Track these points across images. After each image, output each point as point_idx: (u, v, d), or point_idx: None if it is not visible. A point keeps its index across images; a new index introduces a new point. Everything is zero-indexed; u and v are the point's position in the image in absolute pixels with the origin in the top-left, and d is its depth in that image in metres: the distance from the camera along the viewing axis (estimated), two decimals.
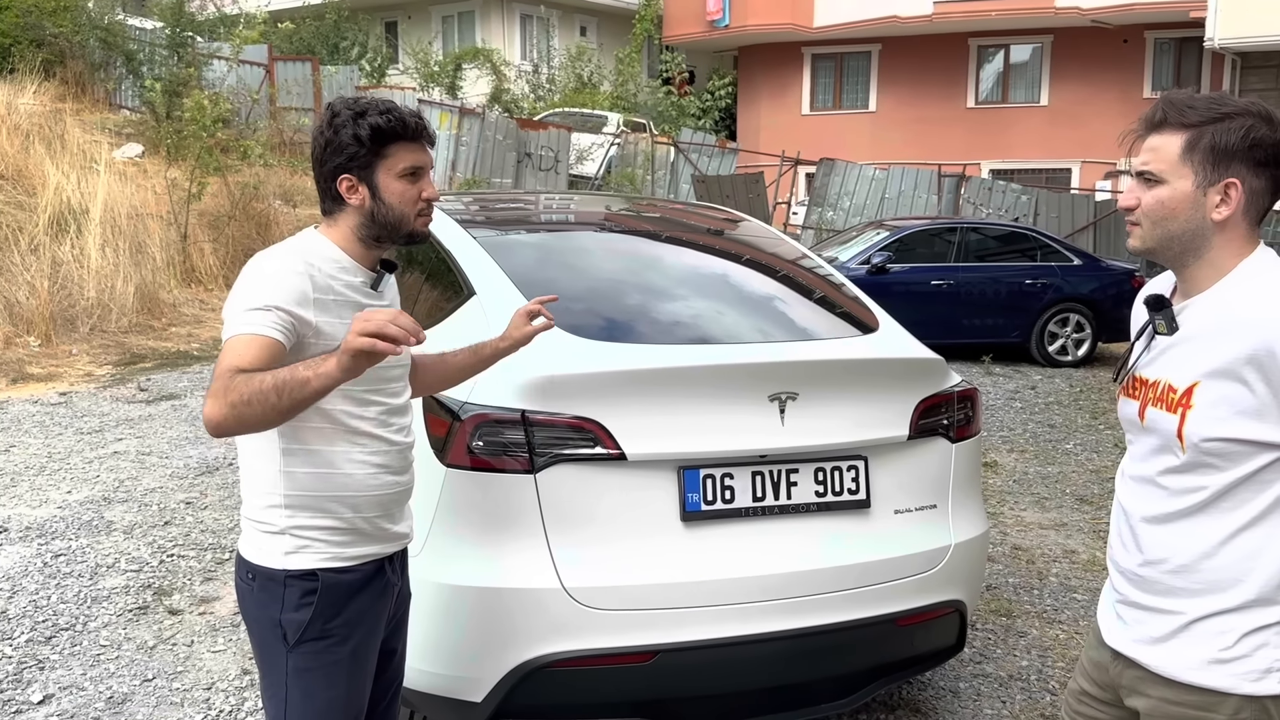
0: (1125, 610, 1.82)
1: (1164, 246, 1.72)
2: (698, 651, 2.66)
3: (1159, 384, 1.74)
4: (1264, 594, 1.66)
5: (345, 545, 2.03)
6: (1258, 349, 1.59)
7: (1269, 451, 1.62)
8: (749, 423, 2.74)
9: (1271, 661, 1.65)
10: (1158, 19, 22.43)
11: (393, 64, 24.88)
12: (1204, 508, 1.68)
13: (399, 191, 2.01)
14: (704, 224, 4.20)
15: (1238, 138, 1.63)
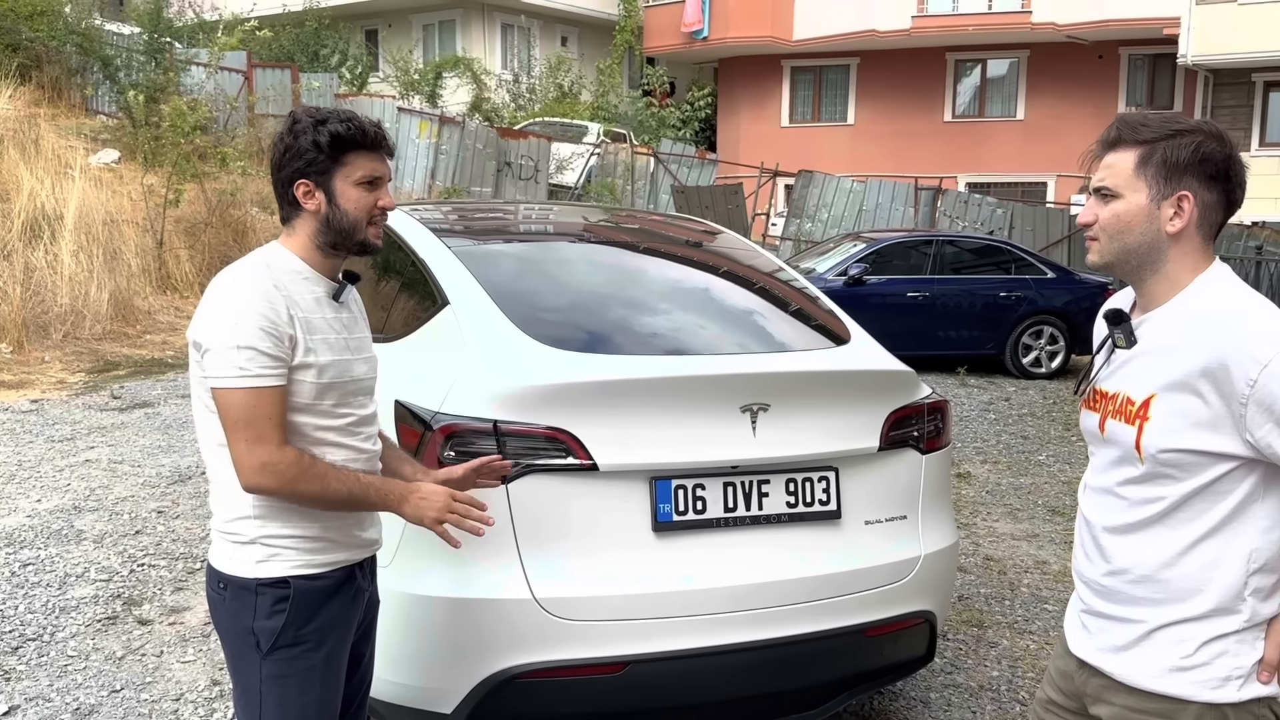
0: (1089, 619, 1.86)
1: (1121, 260, 1.76)
2: (669, 662, 2.67)
3: (1118, 396, 1.78)
4: (1223, 603, 1.69)
5: (316, 552, 2.06)
6: (1211, 362, 1.63)
7: (1224, 462, 1.65)
8: (721, 434, 2.75)
9: (1231, 669, 1.68)
10: (1132, 35, 22.70)
11: (373, 72, 24.82)
12: (1163, 518, 1.71)
13: (355, 198, 2.05)
14: (679, 235, 4.22)
15: (1188, 152, 1.68)
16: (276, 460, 1.92)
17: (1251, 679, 1.69)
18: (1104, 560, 1.80)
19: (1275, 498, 1.67)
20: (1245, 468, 1.65)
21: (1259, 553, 1.67)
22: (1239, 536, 1.68)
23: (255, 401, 1.92)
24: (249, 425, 1.92)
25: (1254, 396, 1.59)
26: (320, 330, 2.03)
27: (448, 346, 2.90)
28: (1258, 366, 1.58)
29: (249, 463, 1.93)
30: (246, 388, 1.92)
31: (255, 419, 1.92)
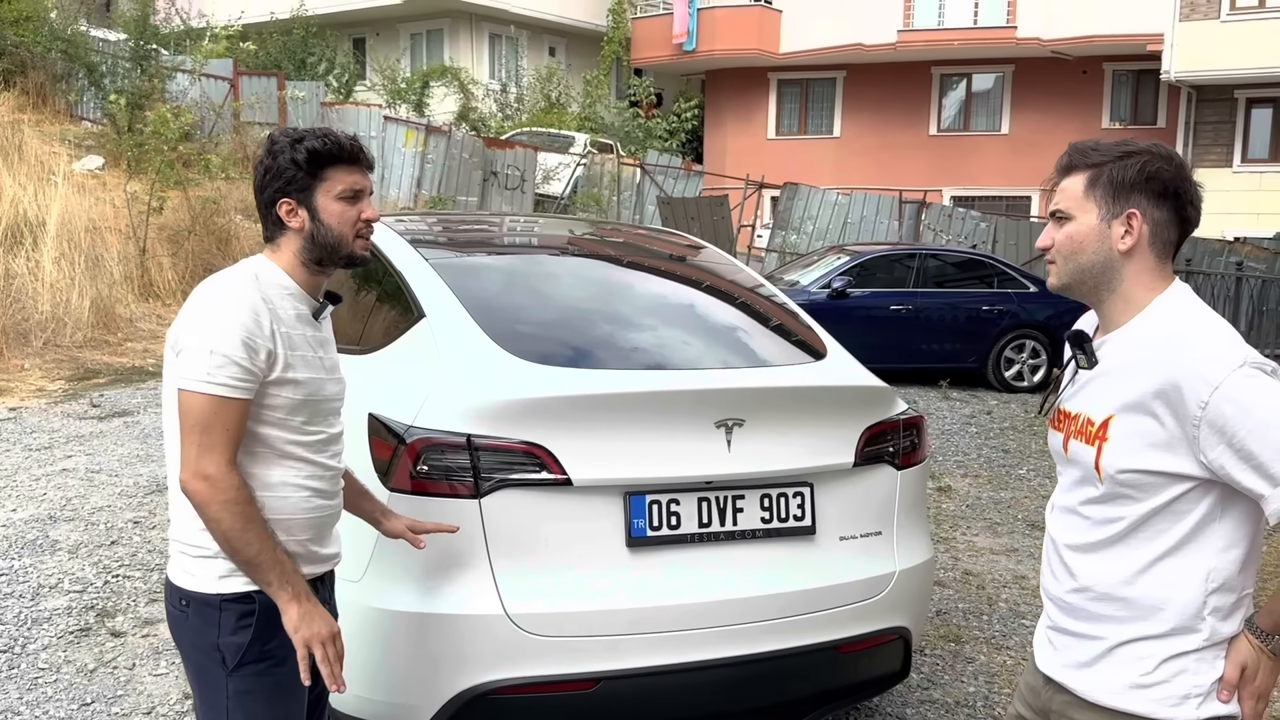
0: (1055, 636, 1.88)
1: (1078, 281, 1.79)
2: (642, 679, 2.67)
3: (1079, 417, 1.80)
4: (1182, 622, 1.70)
5: None
6: (1165, 384, 1.65)
7: (1180, 483, 1.67)
8: (696, 449, 2.75)
9: (1190, 688, 1.70)
10: (1116, 51, 22.88)
11: (360, 80, 24.81)
12: (1123, 537, 1.74)
13: (338, 213, 2.06)
14: (659, 249, 4.23)
15: (1134, 171, 1.72)
16: (218, 479, 1.91)
17: (1210, 697, 1.71)
18: (1069, 577, 1.82)
19: (1232, 518, 1.69)
20: (1202, 488, 1.67)
21: (1217, 572, 1.69)
22: (1197, 556, 1.69)
23: (216, 410, 1.91)
24: (204, 432, 1.92)
25: (1205, 418, 1.61)
26: (300, 348, 2.04)
27: (423, 360, 2.89)
28: (1209, 389, 1.61)
29: (192, 467, 1.92)
30: (211, 394, 1.91)
31: (211, 427, 1.91)
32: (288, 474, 2.05)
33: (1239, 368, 1.61)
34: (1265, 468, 1.59)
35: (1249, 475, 1.60)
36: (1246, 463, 1.60)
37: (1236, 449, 1.60)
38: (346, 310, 3.70)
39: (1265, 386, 1.61)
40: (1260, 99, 21.86)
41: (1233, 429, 1.59)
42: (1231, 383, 1.60)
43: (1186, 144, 22.36)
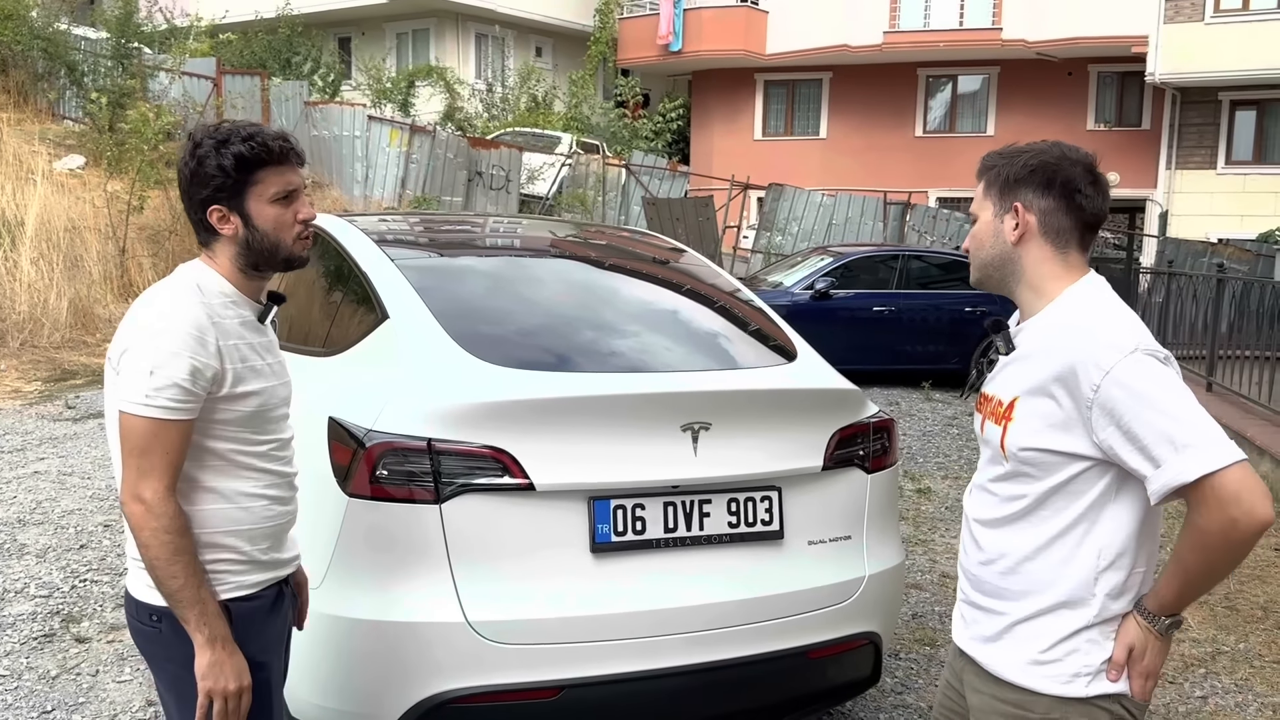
0: (966, 610, 1.98)
1: (986, 275, 1.95)
2: (606, 687, 2.62)
3: (993, 399, 1.92)
4: (1074, 598, 1.79)
5: (247, 572, 2.03)
6: (1063, 368, 1.74)
7: (1077, 462, 1.76)
8: (661, 453, 2.72)
9: (1080, 666, 1.79)
10: (1101, 53, 22.94)
11: (346, 80, 24.70)
12: (1025, 515, 1.83)
13: (272, 217, 1.99)
14: (634, 251, 4.19)
15: (1019, 166, 1.85)
16: (154, 504, 1.85)
17: (1100, 676, 1.78)
18: (978, 550, 1.92)
19: (1126, 499, 1.76)
20: (1098, 469, 1.75)
21: (1108, 550, 1.78)
22: (1091, 534, 1.78)
23: (156, 432, 1.85)
24: (143, 454, 1.86)
25: (1097, 401, 1.69)
26: (250, 358, 1.98)
27: (385, 362, 2.84)
28: (1101, 373, 1.69)
29: (130, 489, 1.87)
30: (152, 417, 1.85)
31: (150, 450, 1.86)
32: (245, 484, 2.01)
33: (1130, 354, 1.69)
34: (1148, 450, 1.66)
35: (1134, 456, 1.68)
36: (1132, 444, 1.67)
37: (1124, 431, 1.68)
38: (310, 312, 3.66)
39: (1154, 372, 1.69)
40: (1244, 101, 21.95)
41: (1120, 412, 1.68)
42: (1122, 368, 1.68)
43: (1171, 146, 22.44)
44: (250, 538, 2.01)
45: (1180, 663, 4.19)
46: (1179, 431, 1.65)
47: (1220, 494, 1.62)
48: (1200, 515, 1.66)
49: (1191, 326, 10.09)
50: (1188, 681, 4.02)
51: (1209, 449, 1.63)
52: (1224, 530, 1.64)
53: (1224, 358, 8.89)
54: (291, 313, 3.90)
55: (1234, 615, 4.73)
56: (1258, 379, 7.78)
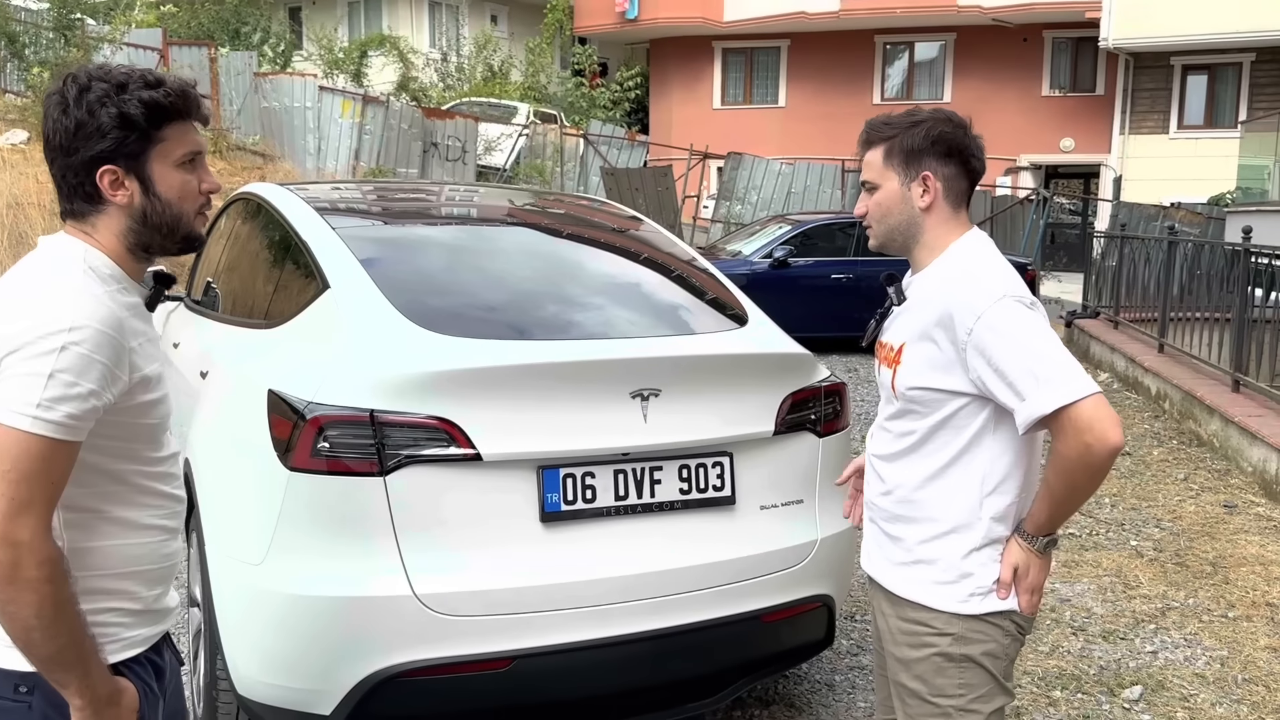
0: (872, 537, 2.16)
1: (890, 239, 2.07)
2: (558, 656, 2.60)
3: (887, 345, 2.10)
4: (963, 522, 1.97)
5: (138, 625, 1.64)
6: (943, 314, 1.92)
7: (957, 399, 1.95)
8: (611, 420, 2.69)
9: (975, 587, 1.98)
10: (1056, 19, 23.05)
11: (296, 50, 24.26)
12: (915, 448, 2.01)
13: (179, 184, 1.62)
14: (586, 218, 4.13)
15: (921, 137, 1.98)
16: (36, 549, 1.42)
17: (991, 595, 1.97)
18: (880, 482, 2.09)
19: (1004, 431, 1.95)
20: (976, 404, 1.94)
21: (990, 477, 1.96)
22: (973, 463, 1.96)
23: (47, 456, 1.43)
24: (23, 482, 1.42)
25: (971, 342, 1.88)
26: (152, 359, 1.61)
27: (326, 333, 2.78)
28: (974, 317, 1.87)
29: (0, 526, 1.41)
30: (44, 435, 1.42)
31: (34, 477, 1.42)
32: (144, 513, 1.63)
33: (999, 299, 1.87)
34: (1014, 385, 1.85)
35: (1003, 391, 1.86)
36: (1001, 380, 1.86)
37: (994, 368, 1.86)
38: (251, 284, 3.59)
39: (1020, 316, 1.87)
40: (1195, 66, 22.18)
41: (990, 351, 1.86)
42: (993, 312, 1.86)
43: (1124, 110, 22.66)
44: (148, 580, 1.64)
45: (1131, 619, 4.25)
46: (1041, 368, 1.83)
47: (1077, 423, 1.81)
48: (1060, 443, 1.85)
49: (1144, 289, 10.20)
50: (1138, 637, 4.09)
51: (1067, 383, 1.82)
52: (1081, 455, 1.82)
53: (1175, 320, 9.00)
54: (233, 285, 3.82)
55: (1183, 571, 4.80)
56: (1208, 340, 7.89)
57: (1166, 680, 3.72)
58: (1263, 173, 15.94)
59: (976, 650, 1.98)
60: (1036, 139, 23.57)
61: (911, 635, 2.02)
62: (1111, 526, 5.43)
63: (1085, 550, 5.06)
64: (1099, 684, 3.68)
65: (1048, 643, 4.00)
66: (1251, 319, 7.11)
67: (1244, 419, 6.44)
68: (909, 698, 2.04)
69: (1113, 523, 5.49)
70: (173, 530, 1.69)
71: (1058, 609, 4.32)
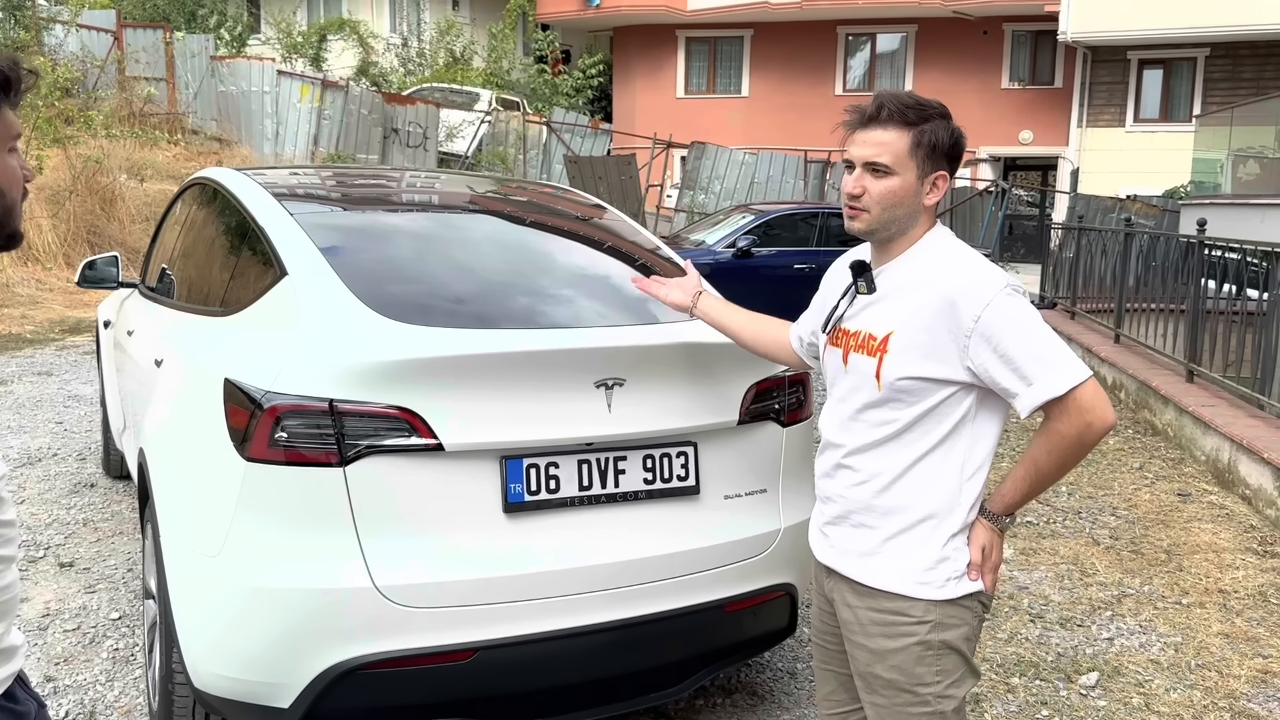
0: (830, 529, 2.15)
1: (885, 227, 2.02)
2: (520, 647, 2.58)
3: (860, 334, 2.07)
4: (942, 509, 2.00)
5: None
6: (941, 302, 1.93)
7: (946, 388, 1.96)
8: (575, 410, 2.66)
9: (950, 572, 2.01)
10: (1015, 12, 23.26)
11: (254, 34, 23.89)
12: (894, 437, 2.01)
13: (8, 172, 1.40)
14: (550, 206, 4.10)
15: (948, 135, 1.98)
16: None
17: (963, 578, 2.01)
18: (851, 473, 2.07)
19: (985, 418, 2.00)
20: (963, 392, 1.97)
21: (969, 463, 2.00)
22: (954, 450, 1.99)
23: None
24: None
25: (977, 330, 1.90)
26: None
27: (284, 321, 2.73)
28: (982, 304, 1.90)
29: None
30: None
31: None
32: None
33: (1004, 288, 1.92)
34: (1021, 370, 1.90)
35: (1008, 377, 1.91)
36: (1007, 366, 1.90)
37: (1001, 355, 1.90)
38: (207, 271, 3.52)
39: (1023, 306, 1.93)
40: (1151, 60, 22.50)
41: (998, 338, 1.89)
42: (1000, 300, 1.90)
43: (1082, 104, 22.93)
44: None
45: (1088, 606, 4.31)
46: (1047, 354, 1.90)
47: (1081, 403, 1.90)
48: (1061, 422, 1.92)
49: (1101, 280, 10.34)
50: (1094, 624, 4.14)
51: (1071, 367, 1.90)
52: (1080, 433, 1.92)
53: (1131, 310, 9.13)
54: (188, 272, 3.75)
55: (1139, 559, 4.88)
56: (1163, 331, 8.01)
57: (1122, 666, 3.78)
58: (1216, 166, 16.22)
59: (954, 635, 2.01)
60: (996, 131, 23.80)
61: (887, 625, 2.02)
62: (1069, 515, 5.50)
63: (1043, 538, 5.12)
64: (1056, 671, 3.73)
65: (1006, 630, 4.04)
66: (1205, 311, 7.23)
67: (1197, 409, 6.55)
68: (883, 688, 2.04)
69: (1070, 511, 5.56)
70: (7, 559, 1.42)
71: (1016, 596, 4.37)
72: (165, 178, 14.53)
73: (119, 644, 3.69)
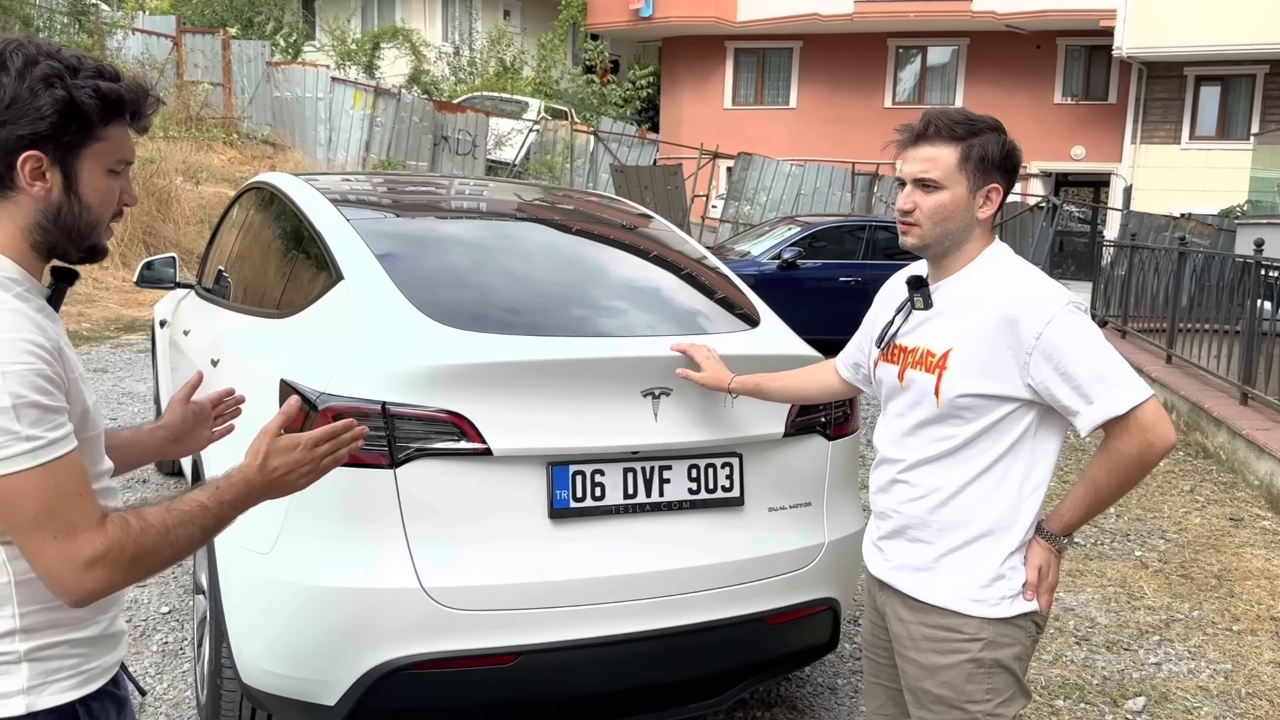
0: (885, 544, 2.15)
1: (938, 241, 2.03)
2: (563, 653, 2.60)
3: (918, 350, 2.06)
4: (997, 526, 1.99)
5: (93, 656, 1.50)
6: (1002, 319, 1.93)
7: (1006, 404, 1.96)
8: (621, 419, 2.68)
9: (1006, 590, 2.00)
10: (1070, 26, 23.01)
11: (309, 41, 24.28)
12: (952, 453, 2.00)
13: (103, 191, 1.45)
14: (599, 215, 4.13)
15: (999, 147, 1.98)
16: (105, 547, 1.33)
17: (1018, 597, 2.00)
18: (908, 488, 2.07)
19: (1045, 435, 1.99)
20: (1023, 409, 1.96)
21: (1029, 481, 1.99)
22: (1014, 468, 1.98)
23: (55, 480, 1.31)
24: (53, 515, 1.31)
25: (1038, 347, 1.90)
26: (75, 366, 1.43)
27: (339, 324, 2.78)
28: (1043, 321, 1.90)
29: (70, 567, 1.32)
30: (40, 465, 1.30)
31: (60, 503, 1.31)
32: None
33: (1065, 306, 1.92)
34: (1082, 388, 1.89)
35: (1069, 395, 1.90)
36: (1068, 384, 1.90)
37: (1062, 373, 1.89)
38: (264, 274, 3.59)
39: (1085, 322, 1.93)
40: (1209, 77, 22.13)
41: (1059, 356, 1.89)
42: (1061, 317, 1.90)
43: (1136, 120, 22.61)
44: (99, 605, 1.47)
45: (1135, 630, 4.24)
46: (1109, 372, 1.90)
47: (1142, 422, 1.89)
48: (1122, 441, 1.91)
49: (1153, 299, 10.18)
50: (1142, 648, 4.08)
51: (1133, 386, 1.90)
52: (1141, 452, 1.91)
53: (1184, 331, 8.98)
54: (244, 274, 3.82)
55: (1188, 583, 4.79)
56: (1216, 352, 7.87)
57: (1170, 692, 3.72)
58: (1274, 185, 15.90)
59: (1006, 654, 2.00)
60: (1047, 146, 23.53)
61: (939, 641, 2.02)
62: (1116, 537, 5.42)
63: (1090, 560, 5.05)
64: (1102, 694, 3.68)
65: (1051, 652, 3.99)
66: (1261, 332, 7.09)
67: (1251, 432, 6.42)
68: (933, 704, 2.04)
69: (1118, 533, 5.48)
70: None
71: (1061, 618, 4.31)
72: (220, 181, 14.80)
73: (168, 638, 3.76)
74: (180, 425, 1.88)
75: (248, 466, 1.52)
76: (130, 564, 1.36)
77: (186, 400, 1.90)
